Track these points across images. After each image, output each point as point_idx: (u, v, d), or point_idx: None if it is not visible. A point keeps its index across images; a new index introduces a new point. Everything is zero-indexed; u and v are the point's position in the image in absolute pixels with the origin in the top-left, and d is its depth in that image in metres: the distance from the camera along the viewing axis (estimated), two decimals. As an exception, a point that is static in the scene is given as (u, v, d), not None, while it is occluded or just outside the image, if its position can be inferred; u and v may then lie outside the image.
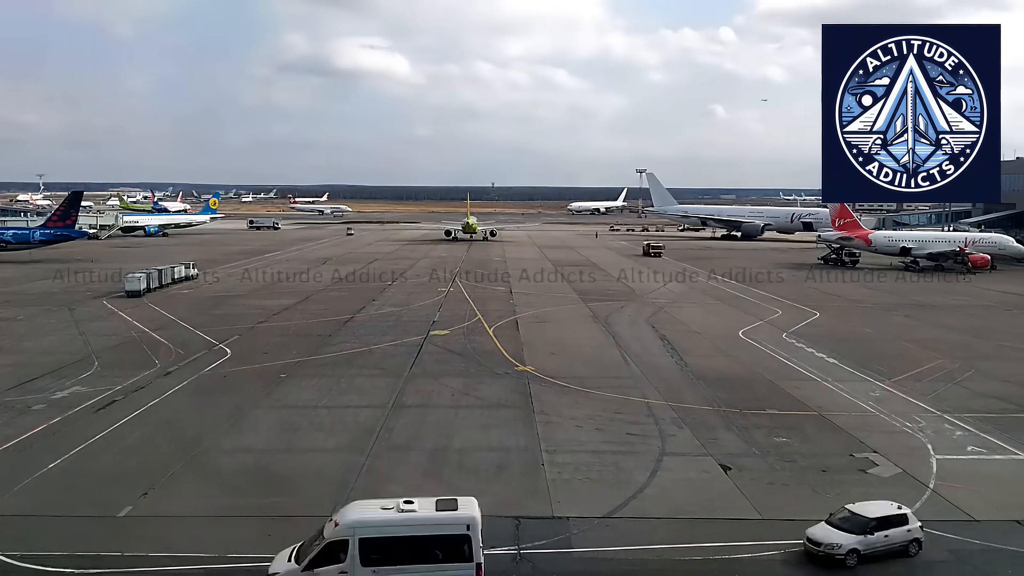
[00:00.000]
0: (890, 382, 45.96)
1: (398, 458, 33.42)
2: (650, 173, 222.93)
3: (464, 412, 40.04)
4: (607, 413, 39.56)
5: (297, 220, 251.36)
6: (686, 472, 31.99)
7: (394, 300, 77.73)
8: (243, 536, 25.82)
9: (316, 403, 41.49)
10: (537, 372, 47.90)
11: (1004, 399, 42.82)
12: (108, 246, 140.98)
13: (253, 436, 36.19)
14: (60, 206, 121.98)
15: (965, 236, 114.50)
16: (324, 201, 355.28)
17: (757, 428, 37.37)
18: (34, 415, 38.56)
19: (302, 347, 54.70)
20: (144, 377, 46.08)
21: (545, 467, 32.22)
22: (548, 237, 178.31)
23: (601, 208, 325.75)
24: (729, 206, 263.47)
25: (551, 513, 27.88)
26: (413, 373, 47.82)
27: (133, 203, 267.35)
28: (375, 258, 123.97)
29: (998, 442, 35.63)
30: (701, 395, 43.18)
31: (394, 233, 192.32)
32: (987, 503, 29.12)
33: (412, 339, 57.72)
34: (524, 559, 24.59)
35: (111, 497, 28.64)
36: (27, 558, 24.17)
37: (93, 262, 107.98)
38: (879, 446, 34.89)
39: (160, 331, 59.64)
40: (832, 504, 27.86)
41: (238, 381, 45.72)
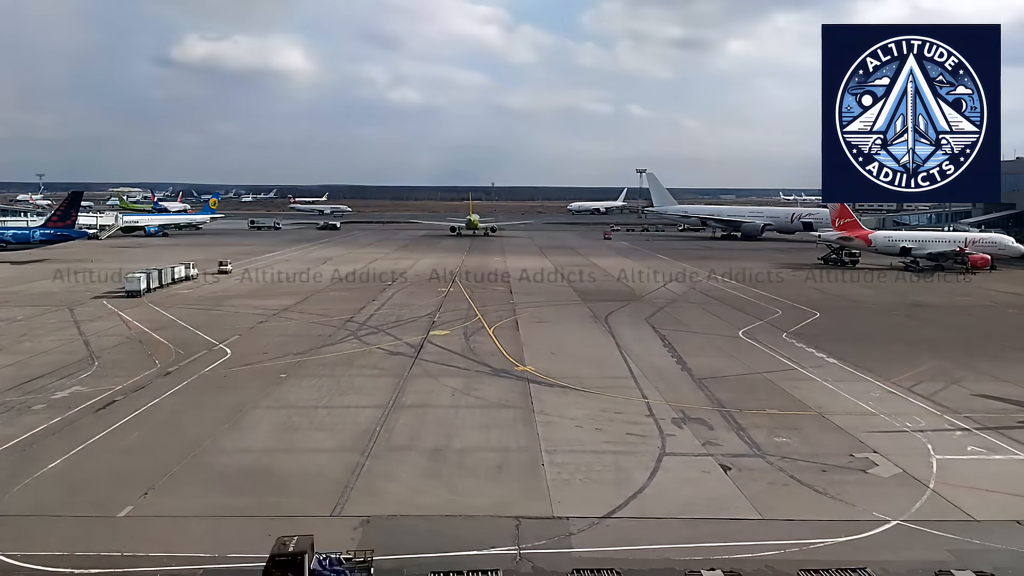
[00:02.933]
0: (890, 382, 45.95)
1: (398, 458, 33.39)
2: (650, 173, 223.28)
3: (464, 412, 40.04)
4: (607, 413, 39.57)
5: (297, 220, 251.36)
6: (686, 472, 31.98)
7: (394, 300, 77.74)
8: (243, 536, 25.79)
9: (316, 403, 41.48)
10: (537, 372, 47.90)
11: (1004, 399, 42.80)
12: (108, 246, 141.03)
13: (253, 436, 36.18)
14: (60, 206, 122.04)
15: (965, 236, 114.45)
16: (324, 201, 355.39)
17: (757, 428, 37.37)
18: (34, 415, 38.56)
19: (302, 347, 54.71)
20: (144, 377, 46.09)
21: (545, 467, 32.22)
22: (548, 237, 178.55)
23: (601, 208, 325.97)
24: (729, 206, 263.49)
25: (551, 513, 27.86)
26: (413, 373, 47.83)
27: (133, 203, 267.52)
28: (375, 258, 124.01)
29: (998, 442, 35.63)
30: (701, 395, 43.19)
31: (393, 234, 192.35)
32: (987, 503, 29.10)
33: (412, 339, 57.73)
34: (524, 559, 24.59)
35: (111, 497, 28.63)
36: (27, 558, 24.17)
37: (93, 262, 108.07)
38: (879, 446, 34.88)
39: (160, 331, 59.65)
40: (832, 504, 27.93)
41: (238, 381, 45.72)
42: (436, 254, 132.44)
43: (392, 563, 24.22)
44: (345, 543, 25.00)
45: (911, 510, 28.13)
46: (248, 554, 24.24)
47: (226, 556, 24.37)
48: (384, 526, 26.70)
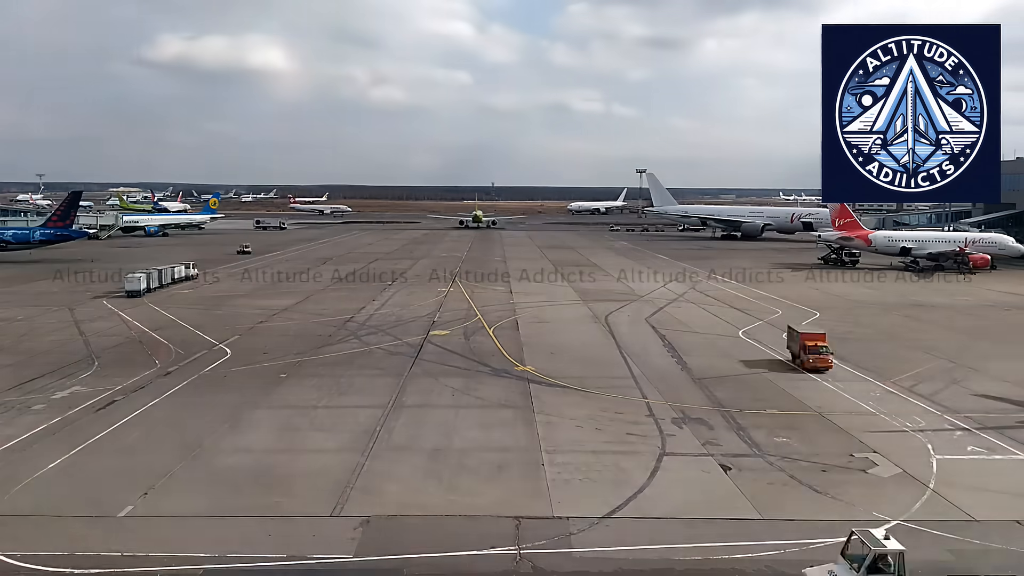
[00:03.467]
0: (890, 382, 45.95)
1: (398, 458, 33.39)
2: (650, 173, 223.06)
3: (464, 412, 40.03)
4: (607, 413, 39.56)
5: (297, 220, 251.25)
6: (686, 472, 31.98)
7: (394, 300, 77.73)
8: (243, 536, 25.80)
9: (316, 403, 41.48)
10: (537, 372, 47.89)
11: (1004, 399, 42.80)
12: (108, 246, 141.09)
13: (253, 436, 36.18)
14: (60, 206, 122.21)
15: (965, 236, 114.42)
16: (324, 201, 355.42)
17: (757, 428, 37.36)
18: (34, 415, 38.56)
19: (302, 347, 54.70)
20: (144, 377, 46.09)
21: (545, 467, 32.21)
22: (548, 237, 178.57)
23: (601, 208, 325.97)
24: (729, 206, 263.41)
25: (551, 513, 27.86)
26: (413, 373, 47.82)
27: (133, 203, 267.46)
28: (375, 258, 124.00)
29: (998, 442, 35.64)
30: (701, 395, 43.18)
31: (395, 233, 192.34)
32: (987, 503, 29.11)
33: (412, 339, 57.72)
34: (524, 559, 24.58)
35: (111, 497, 28.63)
36: (27, 558, 24.18)
37: (93, 262, 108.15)
38: (879, 446, 34.88)
39: (160, 331, 59.64)
40: (832, 504, 27.91)
41: (238, 381, 45.71)
42: (436, 255, 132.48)
43: (392, 563, 24.25)
44: (346, 543, 25.03)
45: (911, 510, 28.13)
46: (248, 554, 24.26)
47: (226, 556, 24.36)
48: (384, 526, 26.71)
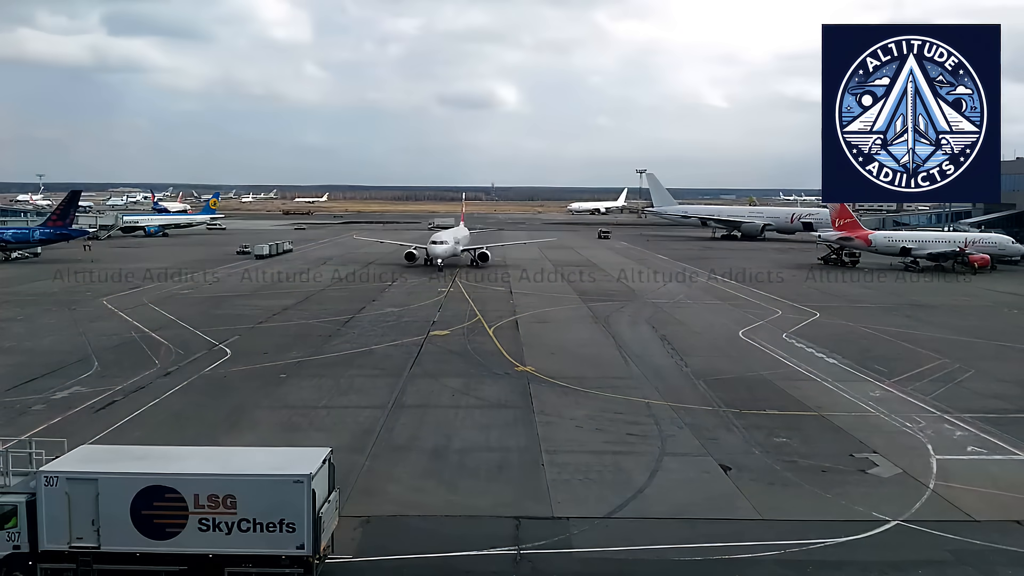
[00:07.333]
0: (890, 382, 45.96)
1: (398, 458, 33.41)
2: (650, 173, 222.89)
3: (464, 412, 40.05)
4: (607, 413, 39.57)
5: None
6: (686, 472, 32.00)
7: (394, 300, 77.71)
8: (243, 536, 25.73)
9: (316, 403, 41.50)
10: (537, 372, 47.89)
11: (1004, 399, 42.83)
12: (108, 246, 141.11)
13: (253, 436, 36.16)
14: (59, 206, 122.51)
15: (965, 236, 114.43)
16: (324, 201, 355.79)
17: (757, 428, 37.37)
18: (34, 415, 38.54)
19: (302, 347, 54.70)
20: (144, 377, 46.08)
21: (545, 467, 32.23)
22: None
23: (601, 208, 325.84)
24: (729, 206, 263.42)
25: (551, 513, 27.88)
26: (413, 373, 47.82)
27: (133, 203, 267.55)
28: (375, 258, 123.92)
29: (998, 442, 35.64)
30: (701, 395, 43.19)
31: (394, 234, 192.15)
32: (987, 503, 29.13)
33: (412, 339, 57.71)
34: (524, 559, 24.59)
35: (111, 497, 28.56)
36: (27, 558, 24.12)
37: (93, 262, 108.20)
38: (879, 446, 34.90)
39: (160, 331, 59.64)
40: (833, 503, 27.88)
41: (238, 381, 45.71)
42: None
43: (392, 563, 24.26)
44: (346, 543, 25.02)
45: (911, 510, 28.14)
46: (248, 554, 24.16)
47: (226, 556, 24.30)
48: (384, 526, 26.72)
